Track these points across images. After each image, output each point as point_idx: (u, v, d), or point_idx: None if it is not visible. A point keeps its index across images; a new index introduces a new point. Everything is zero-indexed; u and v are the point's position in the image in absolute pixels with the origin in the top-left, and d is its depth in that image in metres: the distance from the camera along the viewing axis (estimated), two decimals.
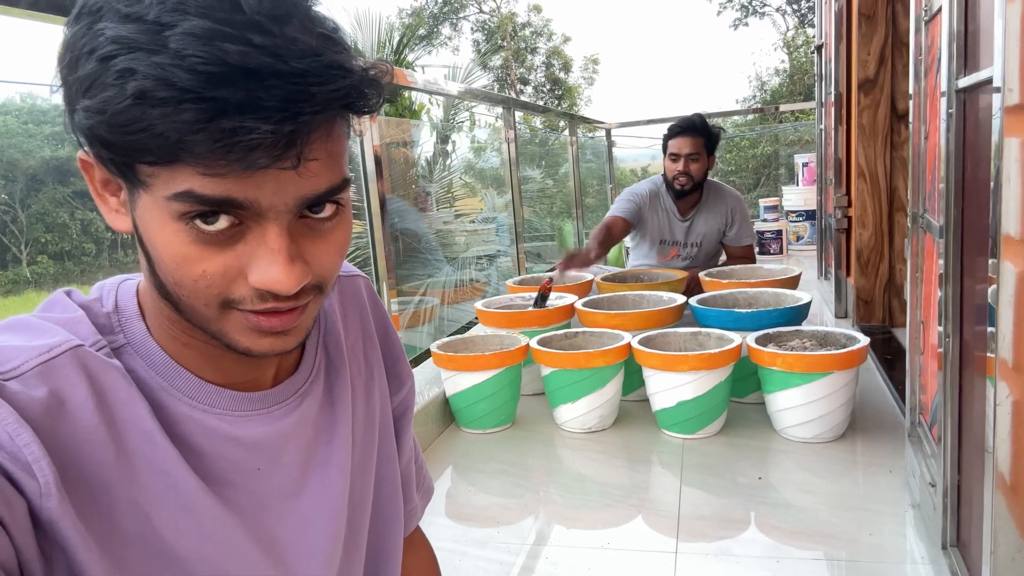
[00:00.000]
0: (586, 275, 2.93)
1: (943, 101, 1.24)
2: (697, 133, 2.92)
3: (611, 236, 2.98)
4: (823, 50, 3.65)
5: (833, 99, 3.27)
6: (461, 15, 20.23)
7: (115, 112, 0.41)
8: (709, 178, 3.10)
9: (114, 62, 0.41)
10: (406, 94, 6.74)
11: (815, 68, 3.92)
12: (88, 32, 0.43)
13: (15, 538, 0.43)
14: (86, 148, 0.47)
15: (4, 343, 0.50)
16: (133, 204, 0.47)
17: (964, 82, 1.16)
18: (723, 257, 3.26)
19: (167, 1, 0.41)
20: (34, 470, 0.45)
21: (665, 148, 3.01)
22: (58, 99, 0.47)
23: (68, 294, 0.56)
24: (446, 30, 20.09)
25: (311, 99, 0.42)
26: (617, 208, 3.08)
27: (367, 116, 0.48)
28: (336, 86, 0.43)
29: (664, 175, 3.05)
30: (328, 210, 0.49)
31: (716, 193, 3.09)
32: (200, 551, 0.53)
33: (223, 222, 0.45)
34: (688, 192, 2.99)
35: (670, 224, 3.08)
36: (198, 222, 0.45)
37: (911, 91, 1.57)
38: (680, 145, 2.93)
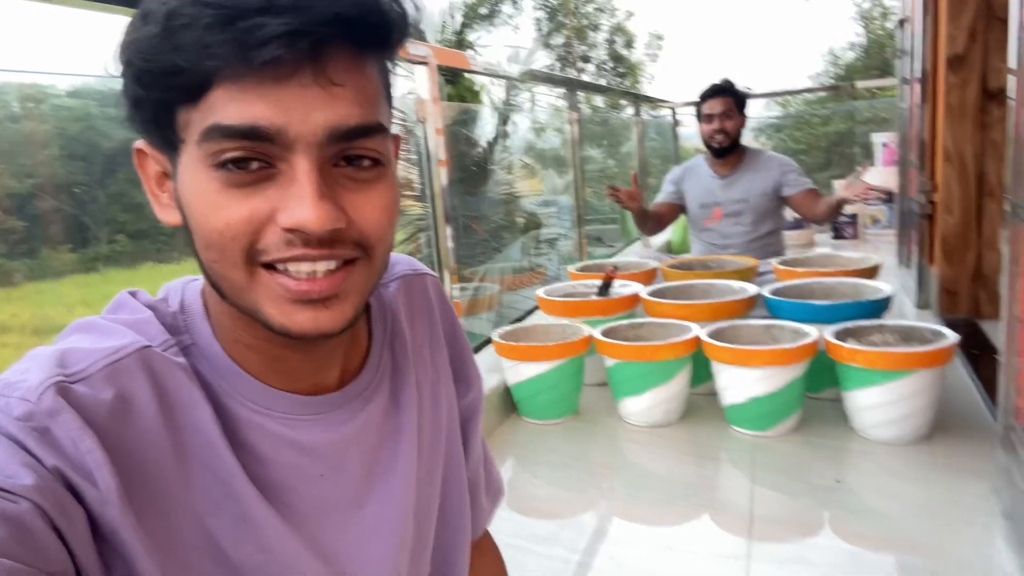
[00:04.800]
0: (650, 263, 2.88)
1: None
2: (726, 93, 3.03)
3: (660, 218, 3.21)
4: (906, 24, 3.44)
5: (919, 76, 3.08)
6: None
7: (148, 38, 0.44)
8: (751, 146, 3.18)
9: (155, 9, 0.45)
10: (467, 75, 6.72)
11: (897, 43, 3.70)
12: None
13: (74, 549, 0.42)
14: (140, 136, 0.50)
15: (73, 345, 0.49)
16: (176, 180, 0.49)
17: None
18: (788, 218, 3.24)
19: None
20: (96, 477, 0.44)
21: (699, 115, 3.11)
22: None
23: (133, 295, 0.56)
24: (507, 8, 19.94)
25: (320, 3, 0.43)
26: (659, 196, 3.30)
27: (390, 51, 0.49)
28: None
29: (703, 140, 3.13)
30: (367, 163, 0.48)
31: (759, 155, 3.15)
32: (256, 561, 0.52)
33: (254, 164, 0.46)
34: (727, 151, 3.07)
35: (708, 186, 3.15)
36: (230, 166, 0.45)
37: (1014, 66, 1.44)
38: (712, 106, 3.05)
